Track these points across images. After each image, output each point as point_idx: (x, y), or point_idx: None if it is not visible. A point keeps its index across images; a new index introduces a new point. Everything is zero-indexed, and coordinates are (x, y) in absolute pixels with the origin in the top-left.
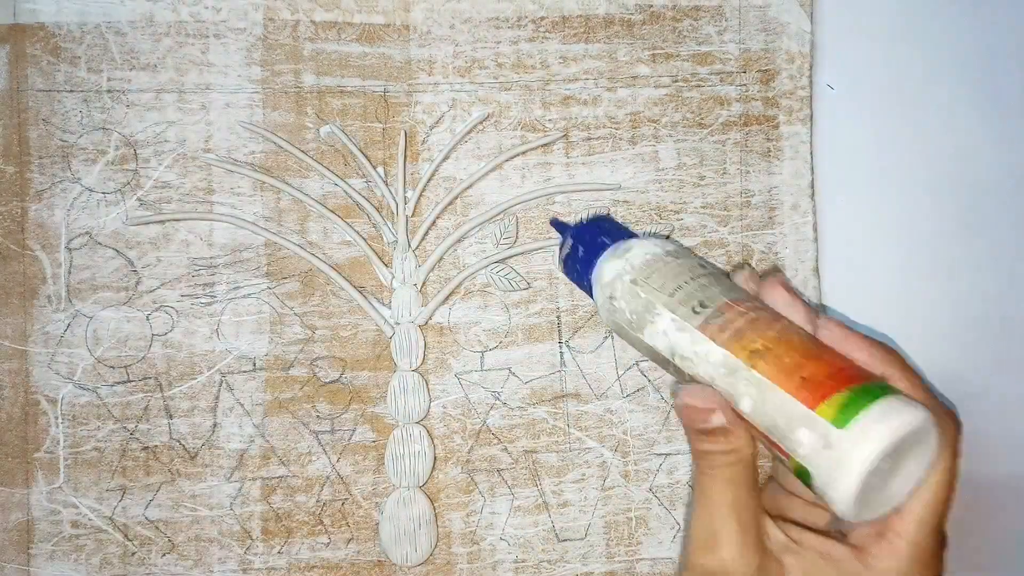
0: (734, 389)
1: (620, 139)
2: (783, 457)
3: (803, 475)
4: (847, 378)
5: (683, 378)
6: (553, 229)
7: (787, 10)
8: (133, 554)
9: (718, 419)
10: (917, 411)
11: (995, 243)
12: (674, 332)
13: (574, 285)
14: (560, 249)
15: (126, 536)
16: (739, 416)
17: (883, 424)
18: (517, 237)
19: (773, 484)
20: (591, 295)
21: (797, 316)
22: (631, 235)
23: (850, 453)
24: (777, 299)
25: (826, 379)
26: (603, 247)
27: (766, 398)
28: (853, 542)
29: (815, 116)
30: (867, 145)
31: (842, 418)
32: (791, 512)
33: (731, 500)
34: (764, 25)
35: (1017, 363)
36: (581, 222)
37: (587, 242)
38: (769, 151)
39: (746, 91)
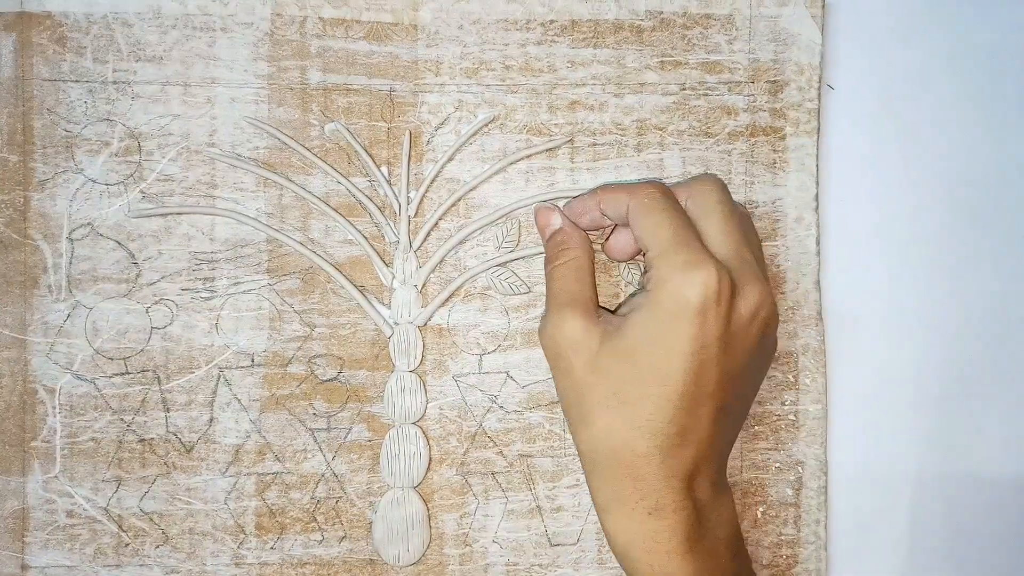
0: None
1: (626, 146)
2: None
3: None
4: None
5: None
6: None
7: (798, 21)
8: (127, 545)
9: (556, 221)
10: None
11: (997, 243)
12: None
13: None
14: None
15: (120, 527)
16: (576, 226)
17: None
18: (519, 241)
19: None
20: None
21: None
22: None
23: None
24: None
25: None
26: None
27: None
28: (646, 287)
29: (823, 128)
30: (874, 158)
31: None
32: None
33: (571, 285)
34: (774, 35)
35: (1018, 363)
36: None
37: None
38: (775, 162)
39: (754, 101)
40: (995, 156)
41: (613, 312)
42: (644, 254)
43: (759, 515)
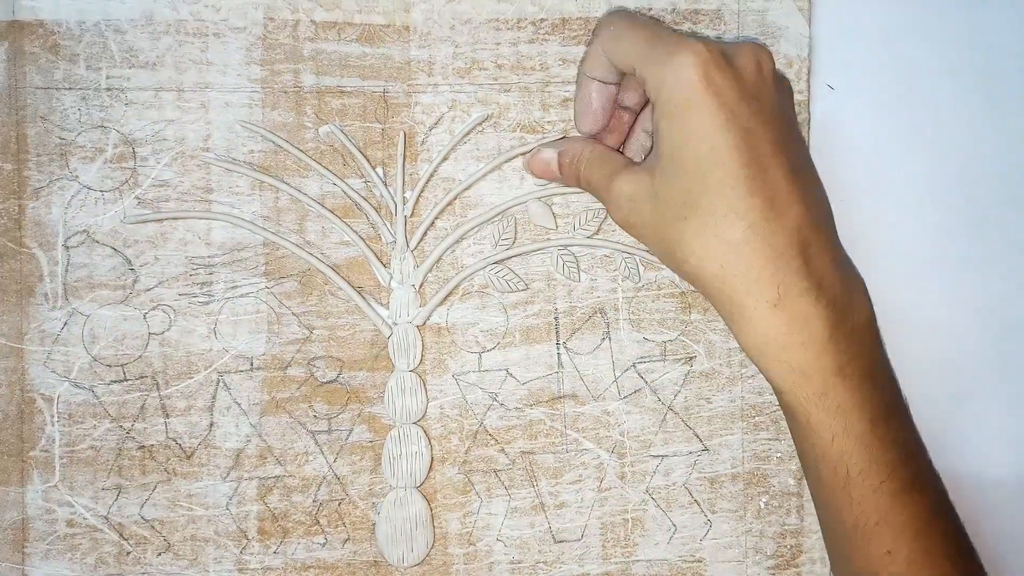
0: None
1: None
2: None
3: None
4: None
5: None
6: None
7: (785, 14)
8: (128, 553)
9: (549, 153)
10: None
11: (996, 243)
12: None
13: (572, 285)
14: None
15: (121, 535)
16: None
17: None
18: (516, 238)
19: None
20: None
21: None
22: None
23: None
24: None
25: None
26: None
27: None
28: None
29: (813, 119)
30: (864, 148)
31: None
32: None
33: (598, 170)
34: (762, 29)
35: (1018, 364)
36: None
37: None
38: None
39: None
40: (995, 155)
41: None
42: (636, 77)
43: (762, 505)
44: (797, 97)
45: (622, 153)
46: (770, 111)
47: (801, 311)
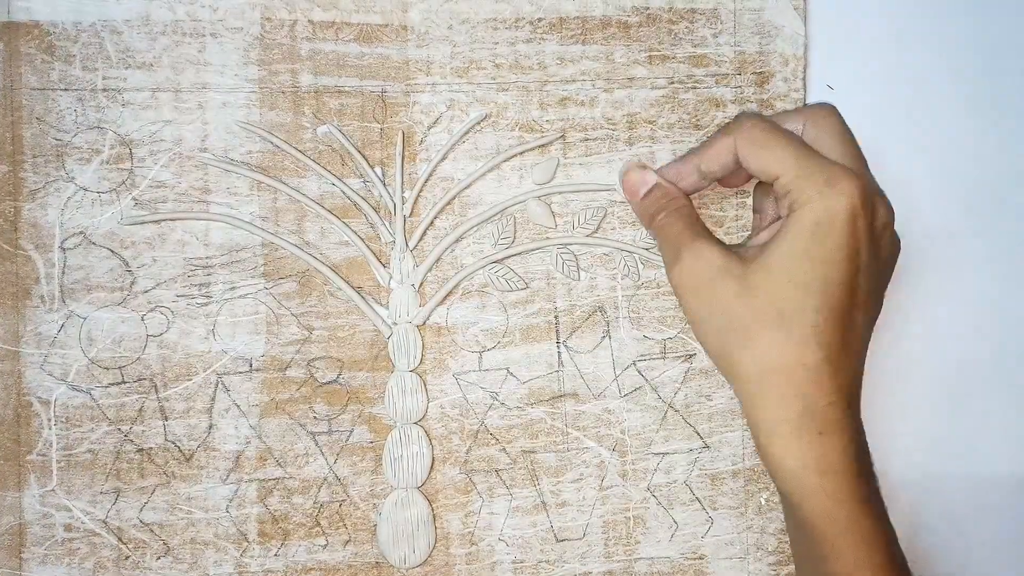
0: None
1: (617, 140)
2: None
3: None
4: None
5: None
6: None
7: (781, 13)
8: (127, 558)
9: (651, 178)
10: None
11: (993, 243)
12: None
13: (572, 284)
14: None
15: (120, 539)
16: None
17: None
18: (515, 237)
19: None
20: None
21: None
22: None
23: None
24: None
25: None
26: None
27: None
28: (783, 212)
29: None
30: (863, 147)
31: None
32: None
33: (681, 225)
34: (759, 28)
35: (1018, 363)
36: None
37: None
38: None
39: (741, 93)
40: (995, 154)
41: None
42: (773, 183)
43: (763, 502)
44: (793, 96)
45: None
46: (879, 265)
47: (844, 443)
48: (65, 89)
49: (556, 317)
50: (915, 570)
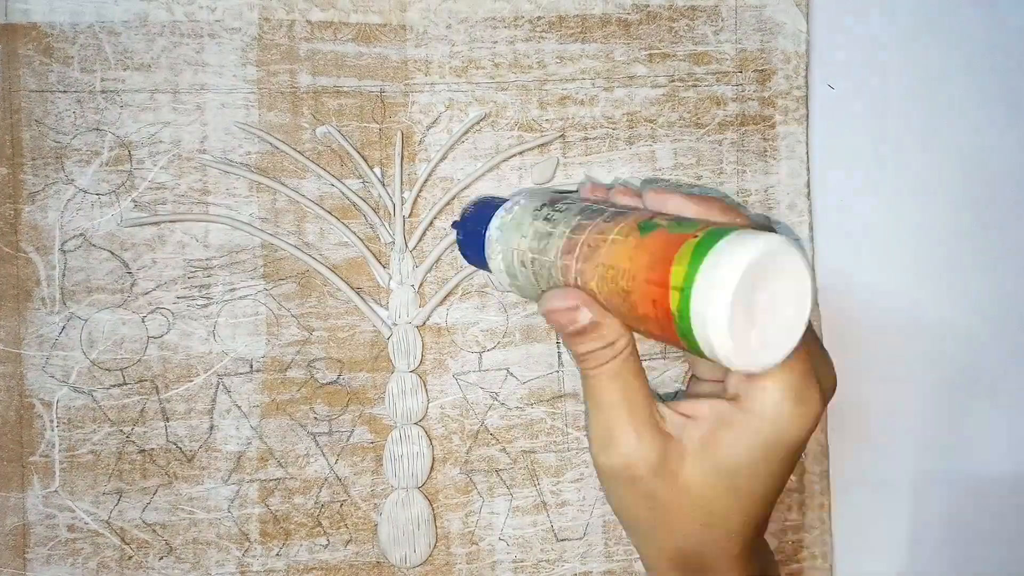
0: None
1: (617, 139)
2: (668, 333)
3: (687, 337)
4: (688, 236)
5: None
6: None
7: (783, 10)
8: (130, 558)
9: (584, 316)
10: (770, 236)
11: (995, 242)
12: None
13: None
14: (459, 246)
15: (123, 540)
16: (606, 310)
17: (739, 248)
18: None
19: (692, 379)
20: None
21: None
22: (501, 203)
23: (711, 283)
24: (625, 200)
25: (668, 243)
26: (484, 226)
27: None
28: (730, 393)
29: (811, 116)
30: (863, 144)
31: (696, 262)
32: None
33: (619, 395)
34: (760, 25)
35: (1019, 363)
36: (464, 212)
37: (469, 230)
38: (765, 151)
39: (742, 91)
40: (998, 152)
41: (667, 401)
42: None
43: None
44: (795, 94)
45: None
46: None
47: None
48: (64, 91)
49: None
50: (915, 570)
